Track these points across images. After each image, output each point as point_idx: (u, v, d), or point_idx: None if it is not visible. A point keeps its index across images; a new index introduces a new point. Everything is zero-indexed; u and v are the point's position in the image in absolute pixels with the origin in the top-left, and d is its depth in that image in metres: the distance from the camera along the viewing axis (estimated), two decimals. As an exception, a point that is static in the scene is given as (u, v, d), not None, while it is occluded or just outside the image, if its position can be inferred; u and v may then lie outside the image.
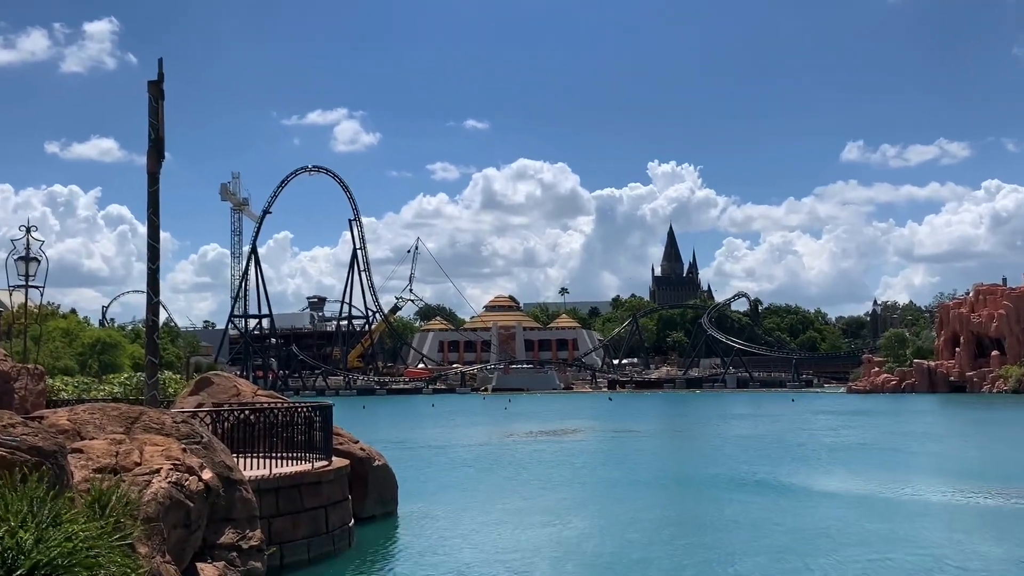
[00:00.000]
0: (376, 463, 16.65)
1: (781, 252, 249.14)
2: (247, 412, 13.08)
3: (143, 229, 15.64)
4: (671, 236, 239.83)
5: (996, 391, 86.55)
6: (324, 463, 13.36)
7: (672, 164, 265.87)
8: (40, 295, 20.25)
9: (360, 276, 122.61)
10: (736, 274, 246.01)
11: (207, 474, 9.07)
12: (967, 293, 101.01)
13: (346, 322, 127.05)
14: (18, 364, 16.15)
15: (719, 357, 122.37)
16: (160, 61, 12.92)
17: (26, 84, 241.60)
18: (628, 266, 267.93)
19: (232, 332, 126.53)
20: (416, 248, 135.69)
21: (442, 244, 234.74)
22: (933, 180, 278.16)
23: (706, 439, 37.51)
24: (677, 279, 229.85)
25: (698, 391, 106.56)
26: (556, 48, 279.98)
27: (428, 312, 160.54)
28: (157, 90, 12.80)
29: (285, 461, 13.00)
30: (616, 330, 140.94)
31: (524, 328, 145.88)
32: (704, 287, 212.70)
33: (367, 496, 16.15)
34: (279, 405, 14.43)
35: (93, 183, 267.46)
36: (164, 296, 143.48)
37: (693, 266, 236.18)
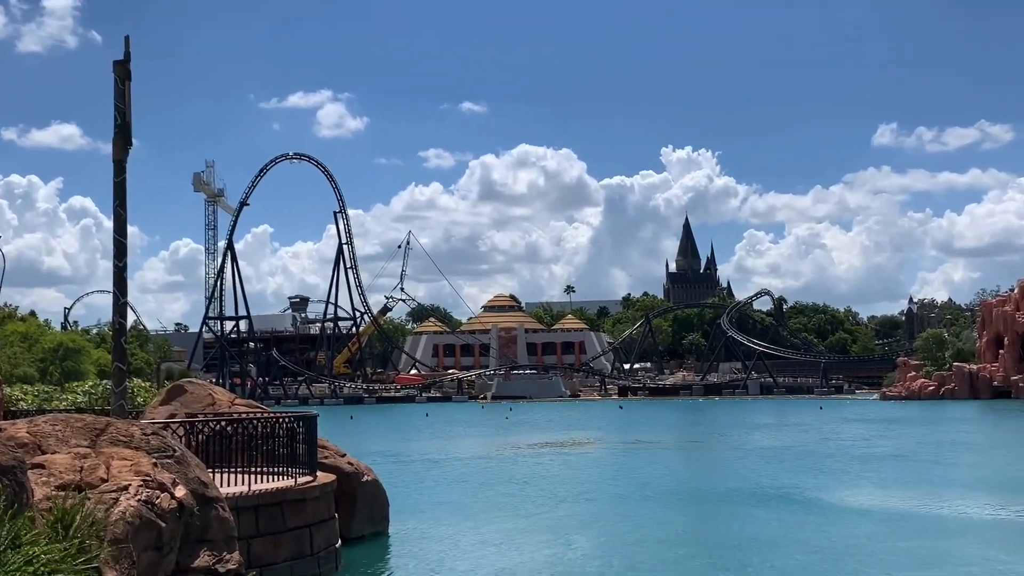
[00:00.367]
0: (365, 478, 16.72)
1: (807, 246, 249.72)
2: (223, 423, 13.13)
3: (109, 223, 15.69)
4: (687, 229, 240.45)
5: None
6: (308, 479, 13.42)
7: (688, 150, 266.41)
8: (-3, 296, 20.30)
9: (346, 274, 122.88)
10: (758, 270, 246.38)
11: (180, 491, 9.13)
12: (1012, 290, 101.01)
13: (331, 324, 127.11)
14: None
15: (740, 361, 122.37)
16: (127, 39, 12.96)
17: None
18: (640, 262, 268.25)
19: (207, 336, 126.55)
20: (408, 243, 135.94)
21: (436, 238, 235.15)
22: (974, 166, 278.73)
23: (725, 451, 37.55)
24: (694, 276, 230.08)
25: (717, 398, 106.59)
26: (560, 23, 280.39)
27: (421, 313, 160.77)
28: (123, 71, 12.85)
29: (265, 477, 13.05)
30: (627, 332, 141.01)
31: (526, 330, 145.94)
32: (723, 284, 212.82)
33: (355, 514, 16.22)
34: (258, 415, 14.47)
35: (54, 173, 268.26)
36: (132, 296, 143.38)
37: (711, 261, 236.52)
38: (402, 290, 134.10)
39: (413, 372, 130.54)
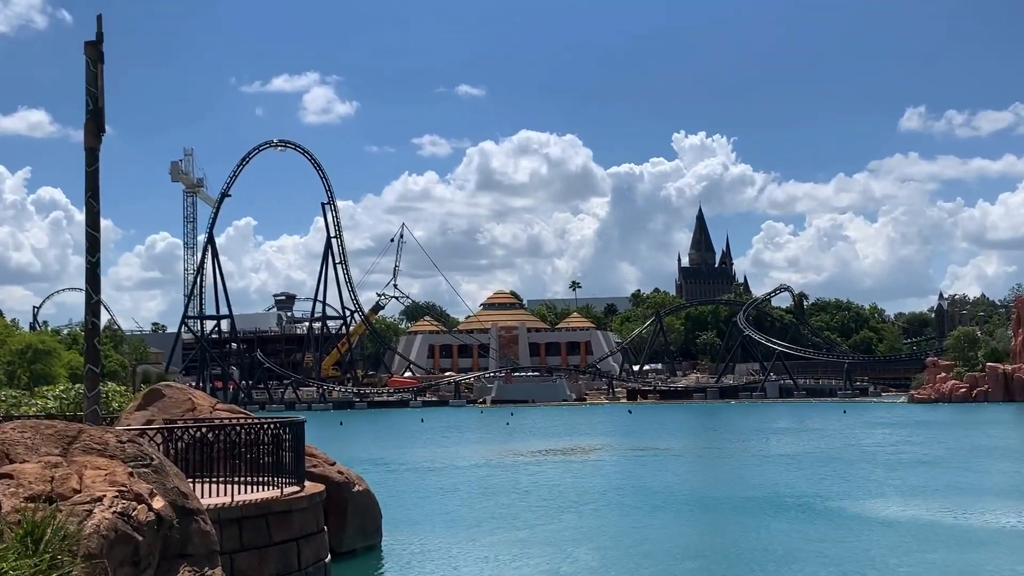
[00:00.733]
0: (356, 488, 16.77)
1: (830, 238, 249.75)
2: (204, 430, 13.18)
3: (81, 216, 15.75)
4: (700, 220, 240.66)
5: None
6: (295, 489, 13.46)
7: (701, 136, 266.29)
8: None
9: (336, 269, 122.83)
10: (777, 264, 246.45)
11: (158, 502, 9.17)
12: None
13: (319, 324, 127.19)
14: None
15: (758, 362, 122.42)
16: (99, 19, 12.98)
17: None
18: (650, 256, 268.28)
19: (186, 336, 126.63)
20: (401, 236, 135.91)
21: (431, 231, 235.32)
22: (1008, 152, 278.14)
23: (741, 458, 37.60)
24: (708, 271, 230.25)
25: (733, 402, 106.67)
26: (563, 1, 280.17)
27: (416, 311, 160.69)
28: (96, 52, 12.87)
29: (250, 487, 13.10)
30: (637, 331, 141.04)
31: (528, 329, 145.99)
32: (740, 280, 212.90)
33: (346, 527, 16.27)
34: (242, 421, 14.53)
35: (21, 162, 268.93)
36: (106, 294, 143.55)
37: (727, 255, 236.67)
38: (395, 287, 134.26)
39: (407, 375, 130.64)
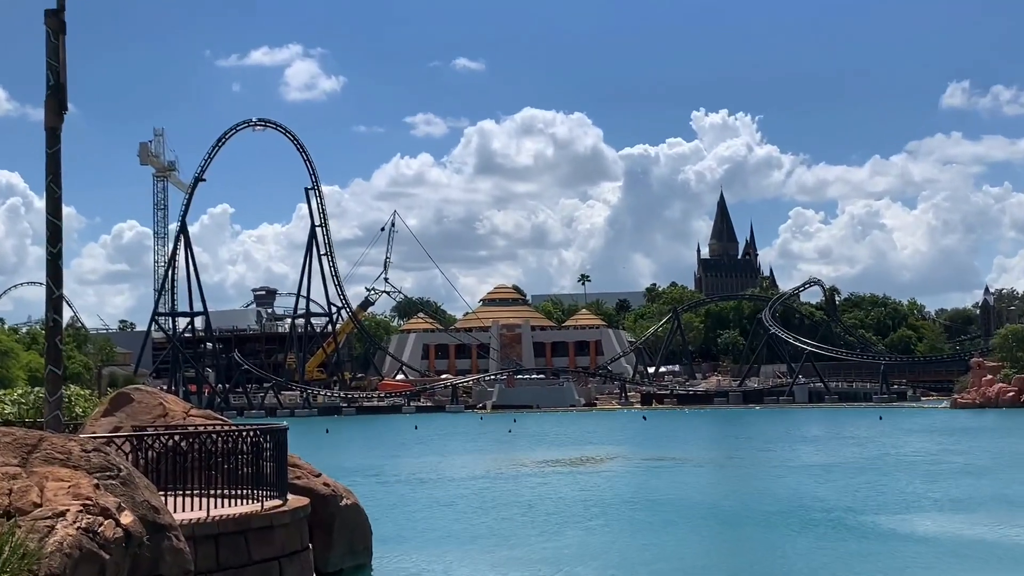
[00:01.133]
0: (344, 502, 16.82)
1: (864, 226, 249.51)
2: (177, 438, 13.22)
3: (40, 203, 15.79)
4: (722, 207, 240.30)
5: None
6: (277, 502, 13.50)
7: (723, 114, 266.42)
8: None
9: (320, 262, 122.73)
10: (806, 255, 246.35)
11: (127, 517, 9.20)
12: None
13: (303, 321, 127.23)
14: None
15: (785, 363, 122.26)
16: (61, -12, 12.99)
17: None
18: (666, 247, 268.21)
19: (156, 335, 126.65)
20: (392, 225, 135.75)
21: (426, 220, 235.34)
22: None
23: (766, 468, 37.63)
24: (730, 262, 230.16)
25: (758, 407, 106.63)
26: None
27: (409, 308, 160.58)
28: (57, 22, 12.87)
29: (227, 500, 13.13)
30: (652, 329, 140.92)
31: (533, 327, 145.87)
32: (765, 272, 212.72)
33: (332, 544, 16.32)
34: (218, 428, 14.57)
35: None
36: (68, 289, 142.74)
37: (751, 246, 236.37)
38: (386, 280, 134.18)
39: (399, 377, 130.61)
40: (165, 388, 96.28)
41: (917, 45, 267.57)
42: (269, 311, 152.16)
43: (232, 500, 13.20)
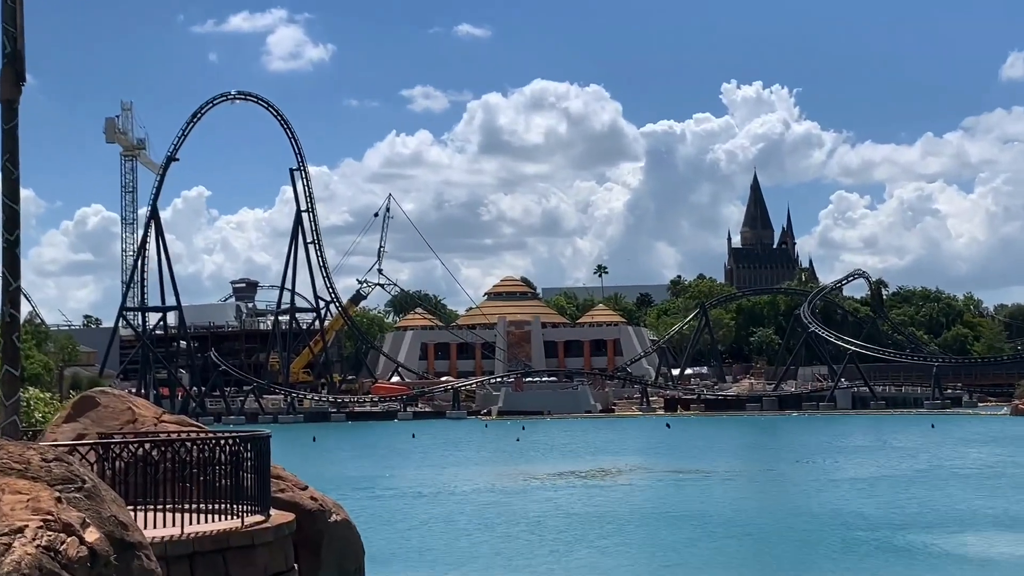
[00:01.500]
0: (333, 518, 16.87)
1: (915, 212, 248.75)
2: (148, 446, 13.27)
3: (-3, 187, 15.79)
4: (756, 191, 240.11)
5: None
6: (259, 518, 13.54)
7: (757, 86, 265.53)
8: None
9: (307, 251, 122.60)
10: (850, 244, 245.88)
11: (92, 534, 9.24)
12: None
13: (287, 317, 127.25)
14: None
15: (826, 365, 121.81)
16: (18, -54, 13.02)
17: None
18: (693, 234, 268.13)
19: (124, 332, 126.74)
20: (387, 210, 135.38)
21: (425, 205, 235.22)
22: None
23: (804, 482, 37.65)
24: (764, 252, 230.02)
25: (795, 413, 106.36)
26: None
27: (405, 302, 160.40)
28: (14, -12, 12.92)
29: (203, 516, 13.18)
30: (676, 326, 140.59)
31: (543, 324, 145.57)
32: (804, 264, 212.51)
33: (320, 564, 16.38)
34: (193, 436, 14.62)
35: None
36: (27, 281, 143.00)
37: (787, 233, 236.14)
38: (380, 272, 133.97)
39: (395, 380, 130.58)
40: (134, 391, 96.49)
41: (975, 10, 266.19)
42: (250, 306, 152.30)
43: (209, 516, 13.26)
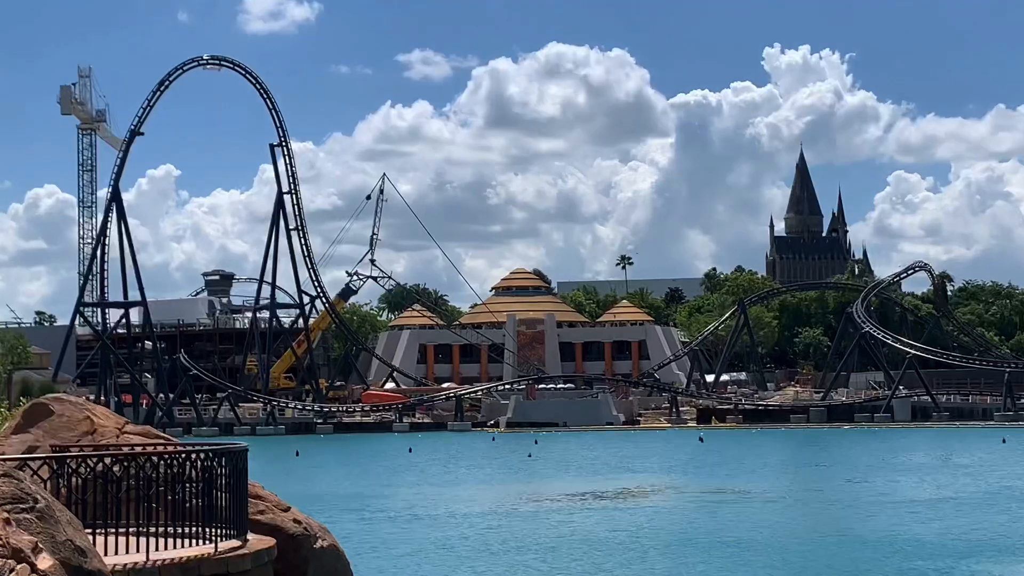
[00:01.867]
0: (319, 543, 16.89)
1: (984, 196, 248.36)
2: (109, 460, 13.33)
3: (-62, 166, 15.87)
4: (802, 171, 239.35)
5: None
6: (235, 543, 13.58)
7: (804, 51, 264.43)
8: None
9: (289, 238, 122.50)
10: (910, 232, 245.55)
11: (45, 561, 9.30)
12: None
13: (267, 314, 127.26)
14: None
15: (882, 370, 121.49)
16: None
17: None
18: (731, 220, 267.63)
19: (81, 331, 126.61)
20: (381, 192, 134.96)
21: (423, 186, 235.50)
22: None
23: (856, 504, 37.61)
24: (812, 242, 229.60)
25: (847, 426, 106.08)
26: None
27: (401, 298, 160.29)
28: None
29: (171, 540, 13.24)
30: (711, 326, 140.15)
31: (559, 323, 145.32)
32: (857, 254, 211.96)
33: (303, 596, 16.43)
34: (160, 449, 14.69)
35: None
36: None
37: (838, 220, 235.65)
38: (372, 263, 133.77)
39: (389, 386, 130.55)
40: (93, 398, 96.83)
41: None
42: (224, 301, 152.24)
43: (177, 540, 13.31)
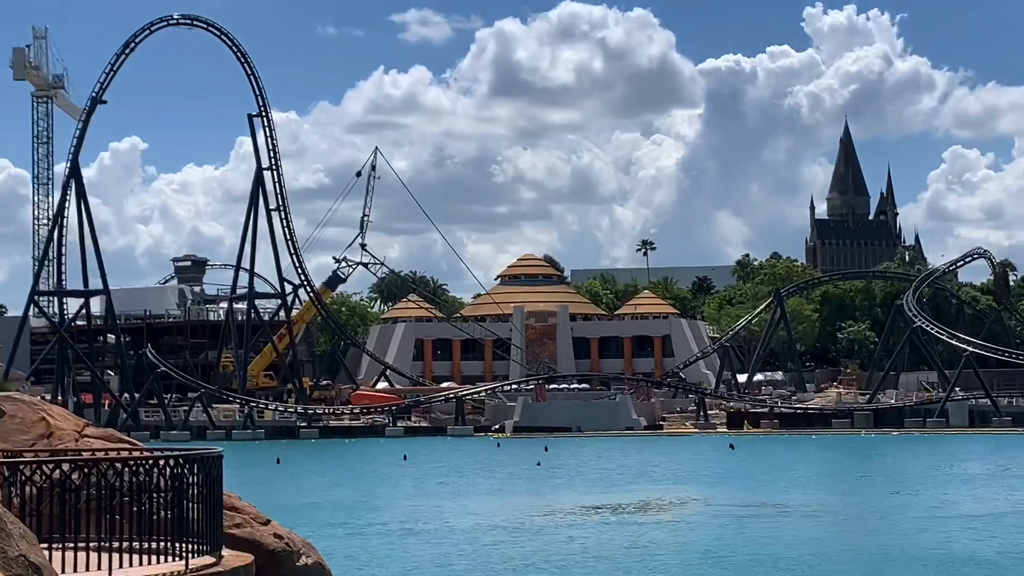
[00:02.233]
0: (302, 560, 16.98)
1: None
2: (67, 467, 13.41)
3: None
4: (847, 146, 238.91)
5: None
6: (208, 560, 13.65)
7: (849, 11, 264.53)
8: None
9: (270, 220, 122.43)
10: (968, 215, 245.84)
11: (-3, 578, 9.38)
12: None
13: (244, 305, 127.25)
14: None
15: (935, 369, 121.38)
16: None
17: None
18: (766, 201, 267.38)
19: (36, 323, 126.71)
20: (373, 169, 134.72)
21: (421, 162, 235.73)
22: None
23: (906, 520, 37.64)
24: (858, 225, 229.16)
25: (896, 432, 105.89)
26: None
27: (395, 287, 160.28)
28: None
29: (136, 556, 13.32)
30: (743, 320, 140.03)
31: (573, 316, 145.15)
32: (908, 240, 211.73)
33: (284, 619, 16.52)
34: (125, 455, 14.76)
35: None
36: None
37: (887, 201, 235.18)
38: (363, 248, 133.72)
39: (382, 386, 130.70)
40: (49, 398, 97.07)
41: None
42: (196, 290, 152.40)
43: (144, 556, 13.39)
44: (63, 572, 11.82)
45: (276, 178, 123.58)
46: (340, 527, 35.46)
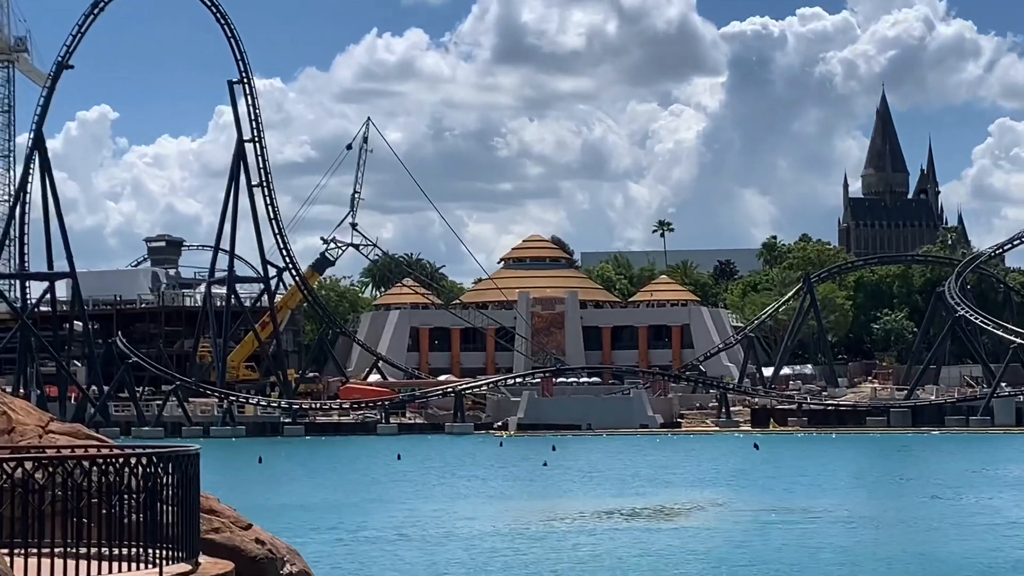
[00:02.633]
0: (287, 568, 17.05)
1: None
2: (30, 466, 13.47)
3: None
4: (884, 117, 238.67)
5: None
6: (184, 567, 13.70)
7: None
8: None
9: (252, 196, 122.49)
10: (1016, 194, 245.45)
11: (-46, 585, 9.44)
12: None
13: (224, 290, 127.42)
14: None
15: (980, 362, 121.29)
16: None
17: None
18: (795, 178, 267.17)
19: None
20: (365, 142, 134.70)
21: (417, 134, 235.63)
22: None
23: (945, 526, 37.70)
24: (895, 205, 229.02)
25: (937, 431, 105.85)
26: None
27: (389, 271, 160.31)
28: None
29: (105, 563, 13.36)
30: (770, 308, 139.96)
31: (583, 303, 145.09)
32: (951, 221, 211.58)
33: (266, 632, 16.63)
34: (93, 452, 14.82)
35: None
36: None
37: (927, 178, 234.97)
38: (354, 228, 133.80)
39: (374, 378, 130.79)
40: (10, 390, 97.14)
41: None
42: (171, 273, 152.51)
43: (113, 563, 13.45)
44: (26, 580, 11.89)
45: (259, 151, 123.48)
46: (327, 532, 35.57)
